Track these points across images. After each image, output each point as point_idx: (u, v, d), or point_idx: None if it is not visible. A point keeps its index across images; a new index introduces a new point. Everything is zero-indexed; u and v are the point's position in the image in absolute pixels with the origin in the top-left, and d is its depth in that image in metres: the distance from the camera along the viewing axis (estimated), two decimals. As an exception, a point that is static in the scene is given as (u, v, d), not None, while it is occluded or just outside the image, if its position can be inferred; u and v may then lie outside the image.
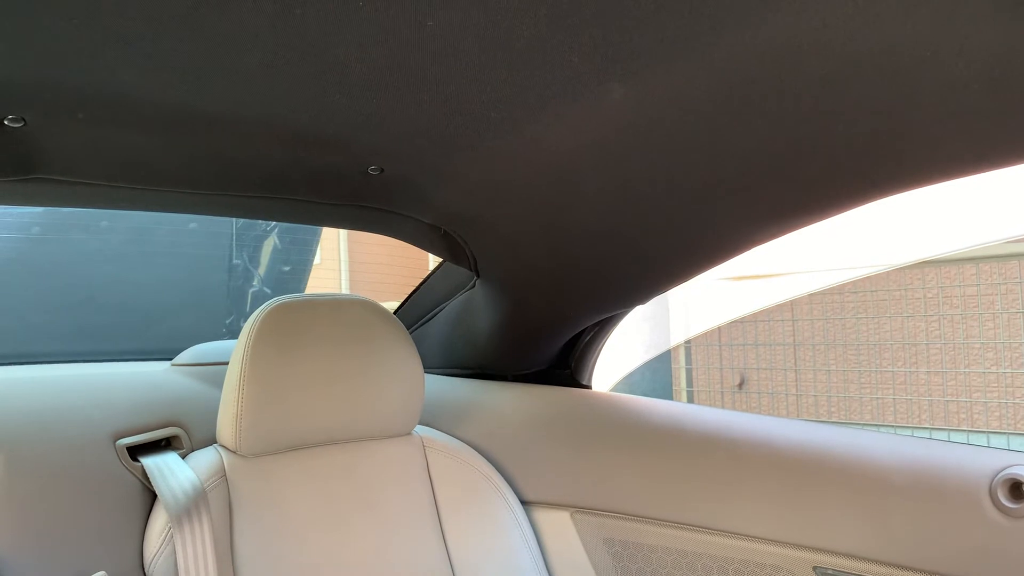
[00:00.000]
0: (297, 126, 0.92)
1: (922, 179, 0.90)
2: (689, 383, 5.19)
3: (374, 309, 1.23)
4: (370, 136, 0.95)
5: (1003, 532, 0.96)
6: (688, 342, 5.15)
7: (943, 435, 4.30)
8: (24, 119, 0.87)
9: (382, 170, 1.07)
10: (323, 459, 1.19)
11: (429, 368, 1.60)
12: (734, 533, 1.16)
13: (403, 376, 1.22)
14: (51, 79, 0.79)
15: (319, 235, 2.51)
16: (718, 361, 5.15)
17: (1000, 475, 0.97)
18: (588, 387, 1.54)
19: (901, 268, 4.50)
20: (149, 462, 1.11)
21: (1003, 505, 0.96)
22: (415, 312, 1.62)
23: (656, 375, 4.06)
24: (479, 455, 1.33)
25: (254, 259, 1.97)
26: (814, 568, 1.09)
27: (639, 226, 1.10)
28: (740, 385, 5.18)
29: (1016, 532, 0.95)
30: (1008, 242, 4.04)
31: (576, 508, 1.31)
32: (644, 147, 0.91)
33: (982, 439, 4.20)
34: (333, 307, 1.19)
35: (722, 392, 5.09)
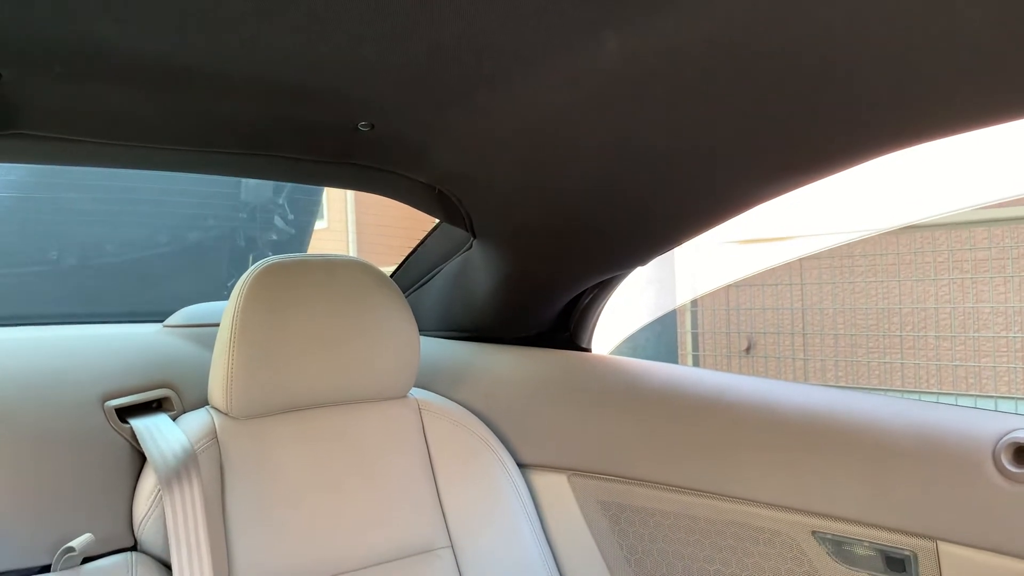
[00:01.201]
0: (283, 79, 0.89)
1: (929, 133, 0.87)
2: (695, 347, 5.18)
3: (367, 270, 1.21)
4: (358, 89, 0.93)
5: (1006, 496, 0.93)
6: (695, 306, 5.13)
7: (951, 400, 4.28)
8: (0, 73, 0.85)
9: (372, 126, 1.05)
10: (316, 421, 1.17)
11: (426, 331, 1.58)
12: (732, 497, 1.14)
13: (397, 337, 1.20)
14: (26, 32, 0.76)
15: (321, 195, 2.49)
16: (725, 325, 5.12)
17: (1004, 439, 0.95)
18: (588, 350, 1.52)
19: (910, 231, 4.46)
20: (139, 424, 1.09)
21: (1006, 469, 0.93)
22: (412, 274, 1.60)
23: (661, 339, 4.05)
24: (476, 418, 1.32)
25: (255, 220, 1.95)
26: (813, 532, 1.07)
27: (637, 184, 1.07)
28: (747, 350, 5.16)
29: (1020, 496, 0.93)
30: (1011, 204, 3.99)
31: (573, 471, 1.30)
32: (640, 101, 0.88)
33: (990, 404, 4.18)
34: (326, 267, 1.17)
35: (729, 356, 5.08)
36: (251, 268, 1.14)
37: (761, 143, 0.93)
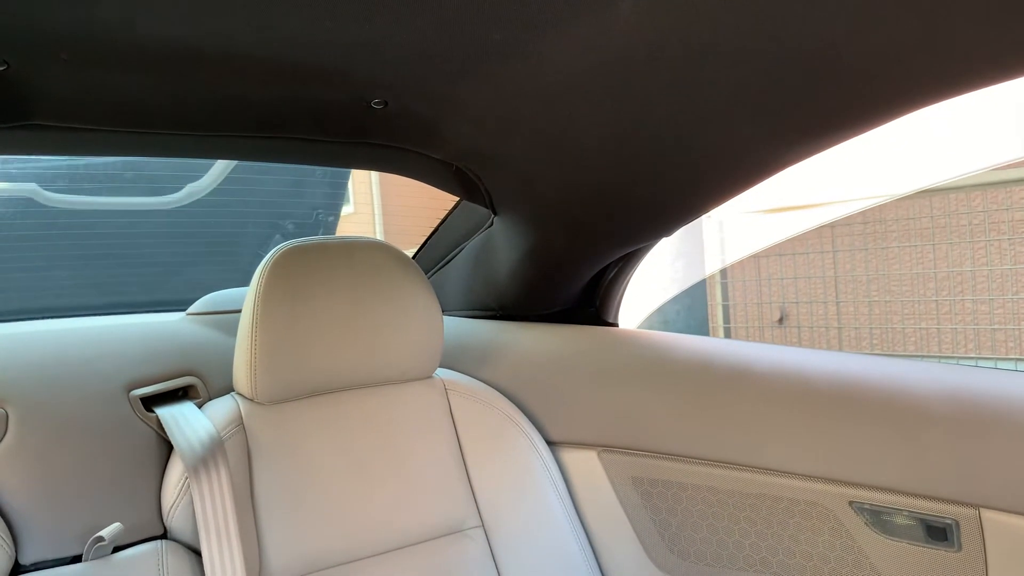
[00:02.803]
0: (293, 59, 0.88)
1: (959, 87, 0.83)
2: (726, 320, 5.12)
3: (388, 251, 1.19)
4: (369, 66, 0.91)
5: (1051, 461, 0.90)
6: (724, 278, 5.07)
7: (990, 364, 4.20)
8: (7, 62, 0.84)
9: (386, 103, 1.03)
10: (342, 405, 1.16)
11: (450, 311, 1.57)
12: (766, 469, 1.12)
13: (420, 317, 1.19)
14: (30, 19, 0.76)
15: (348, 177, 2.48)
16: (756, 297, 5.06)
17: (1047, 401, 0.92)
18: (614, 325, 1.50)
19: (943, 193, 4.36)
20: (164, 412, 1.09)
21: (1050, 432, 0.90)
22: (434, 255, 1.59)
23: (692, 313, 4.01)
24: (502, 396, 1.31)
25: (281, 205, 1.94)
26: (850, 503, 1.05)
27: (658, 152, 1.04)
28: (780, 320, 5.09)
29: (1065, 460, 0.89)
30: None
31: (603, 447, 1.28)
32: (657, 65, 0.85)
33: (1031, 367, 4.09)
34: (346, 249, 1.16)
35: (761, 328, 5.02)
36: (271, 252, 1.13)
37: (787, 104, 0.89)
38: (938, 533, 0.99)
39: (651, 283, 3.88)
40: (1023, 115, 3.73)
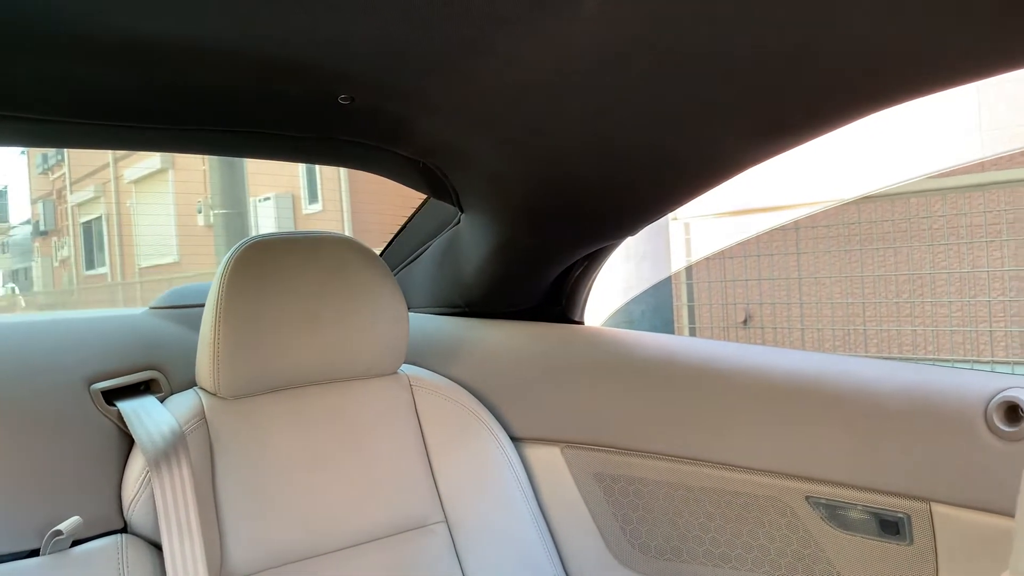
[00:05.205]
0: (260, 53, 0.87)
1: (921, 89, 0.85)
2: (691, 320, 5.17)
3: (354, 247, 1.19)
4: (337, 62, 0.91)
5: (999, 455, 0.93)
6: (690, 278, 5.12)
7: (948, 366, 4.29)
8: None
9: (353, 99, 1.03)
10: (306, 400, 1.16)
11: (416, 307, 1.57)
12: (726, 464, 1.14)
13: (386, 313, 1.19)
14: None
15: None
16: (721, 297, 5.12)
17: (996, 398, 0.94)
18: (580, 323, 1.51)
19: (904, 197, 4.44)
20: (125, 406, 1.09)
21: (999, 428, 0.93)
22: (401, 251, 1.59)
23: (657, 313, 4.04)
24: (467, 392, 1.31)
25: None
26: (807, 497, 1.07)
27: (625, 150, 1.05)
28: (745, 322, 5.15)
29: (1012, 455, 0.92)
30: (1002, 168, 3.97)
31: (566, 443, 1.29)
32: (623, 65, 0.86)
33: (986, 369, 4.18)
34: (311, 244, 1.16)
35: (725, 329, 5.08)
36: (235, 247, 1.13)
37: (754, 102, 0.91)
38: (890, 527, 1.01)
39: (618, 283, 3.91)
40: (979, 119, 3.81)
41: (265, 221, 9.49)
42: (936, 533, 0.98)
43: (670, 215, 4.37)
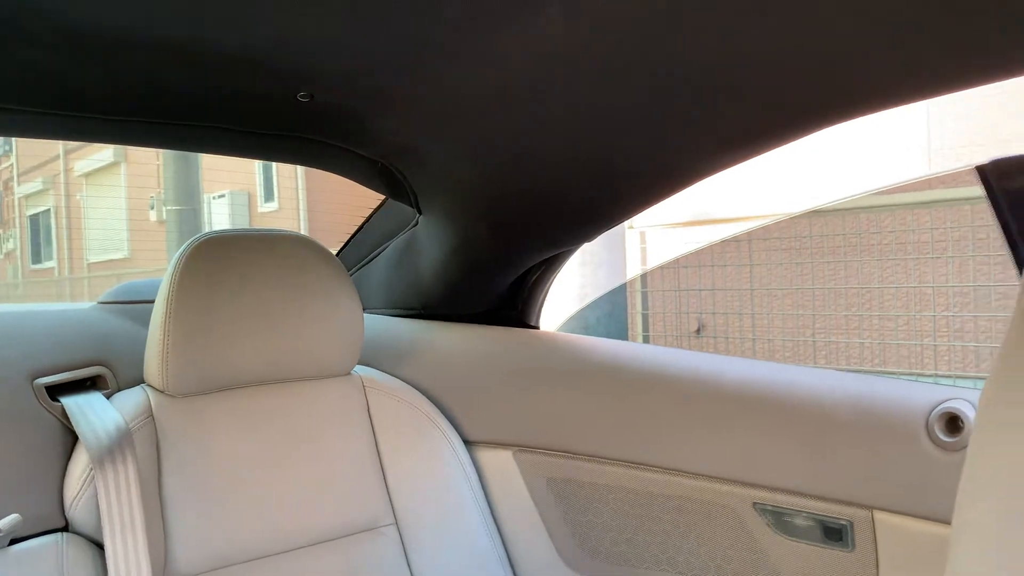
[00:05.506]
0: (220, 47, 0.86)
1: (870, 106, 0.87)
2: (645, 328, 5.22)
3: (309, 245, 1.18)
4: (296, 59, 0.90)
5: (939, 464, 0.95)
6: (645, 287, 5.17)
7: (893, 378, 4.38)
8: None
9: (312, 96, 1.02)
10: (257, 399, 1.15)
11: (372, 309, 1.57)
12: (675, 470, 1.15)
13: (340, 313, 1.19)
14: None
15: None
16: (675, 306, 5.17)
17: (937, 409, 0.97)
18: (535, 327, 1.52)
19: (855, 212, 4.54)
20: (70, 402, 1.06)
21: (939, 439, 0.95)
22: (357, 252, 1.58)
23: (612, 319, 4.07)
24: (421, 395, 1.31)
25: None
26: (753, 504, 1.09)
27: (583, 158, 1.06)
28: (698, 331, 5.21)
29: (952, 465, 0.95)
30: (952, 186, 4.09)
31: (519, 447, 1.30)
32: (581, 74, 0.87)
33: (929, 382, 4.28)
34: (265, 242, 1.15)
35: (679, 338, 5.13)
36: (188, 242, 1.12)
37: (712, 111, 0.92)
38: (834, 534, 1.03)
39: (574, 289, 3.93)
40: (928, 137, 3.91)
41: (219, 219, 9.37)
42: (878, 540, 1.00)
43: (626, 223, 4.42)
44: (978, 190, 0.84)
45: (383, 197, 1.45)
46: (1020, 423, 0.53)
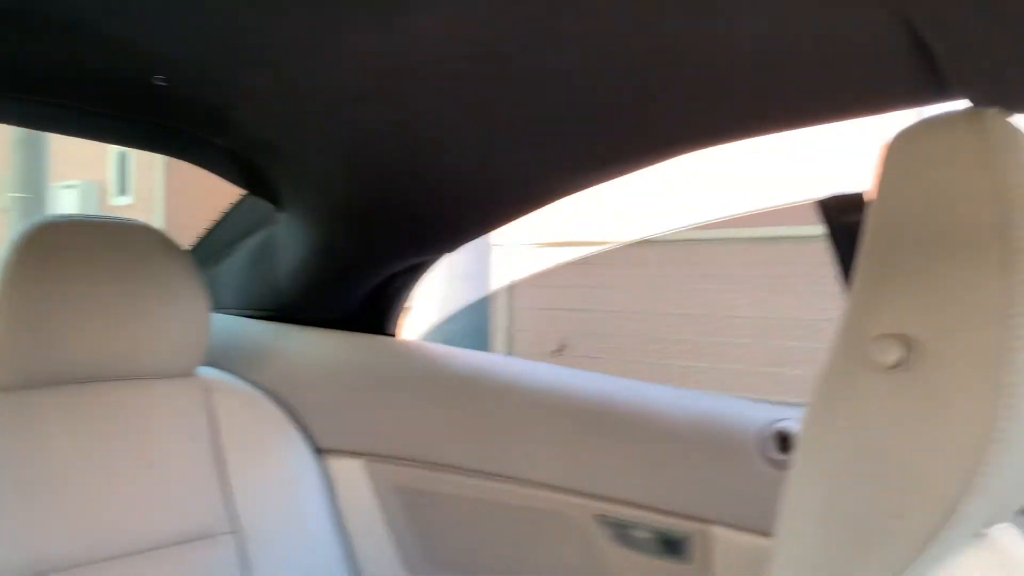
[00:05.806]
0: (75, 16, 0.81)
1: (733, 134, 0.91)
2: (508, 346, 5.28)
3: (155, 236, 1.13)
4: (153, 39, 0.87)
5: (771, 481, 1.00)
6: (512, 305, 5.24)
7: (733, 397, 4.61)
8: None
9: (168, 82, 0.98)
10: (90, 396, 1.08)
11: (224, 308, 1.51)
12: (523, 480, 1.16)
13: (183, 310, 1.13)
14: None
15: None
16: (538, 325, 5.26)
17: (770, 428, 1.02)
18: (392, 335, 1.50)
19: (709, 243, 4.76)
20: None
21: (772, 456, 1.00)
22: (212, 247, 1.52)
23: (476, 335, 4.09)
24: (269, 400, 1.27)
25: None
26: (595, 516, 1.10)
27: (447, 167, 1.06)
28: (559, 350, 5.32)
29: (783, 481, 0.99)
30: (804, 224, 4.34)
31: (371, 456, 1.27)
32: (446, 83, 0.87)
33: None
34: (108, 231, 1.09)
35: (541, 356, 5.23)
36: (24, 226, 1.04)
37: (564, 136, 0.94)
38: (673, 546, 1.06)
39: (436, 300, 3.93)
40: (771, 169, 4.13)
41: (66, 211, 8.84)
42: (715, 554, 1.03)
43: (492, 239, 4.47)
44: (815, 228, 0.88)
45: (243, 191, 1.40)
46: (835, 440, 0.58)
